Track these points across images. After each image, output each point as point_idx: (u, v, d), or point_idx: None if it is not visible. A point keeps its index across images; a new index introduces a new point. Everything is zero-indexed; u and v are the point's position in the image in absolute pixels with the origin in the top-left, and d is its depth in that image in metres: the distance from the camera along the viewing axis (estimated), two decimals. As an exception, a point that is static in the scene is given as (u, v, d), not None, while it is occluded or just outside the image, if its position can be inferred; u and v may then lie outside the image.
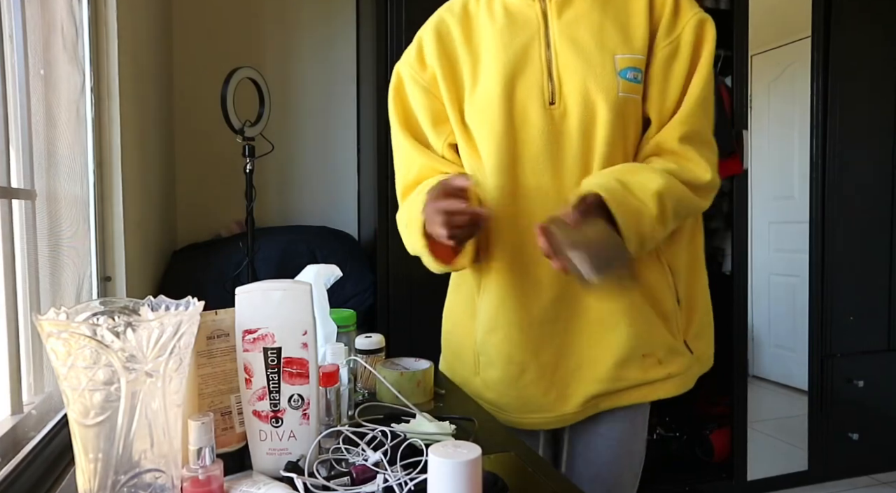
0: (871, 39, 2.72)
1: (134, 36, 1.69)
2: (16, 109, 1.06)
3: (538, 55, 1.07)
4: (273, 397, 0.80)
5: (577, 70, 1.05)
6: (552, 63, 1.06)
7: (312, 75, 2.67)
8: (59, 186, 1.26)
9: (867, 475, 2.79)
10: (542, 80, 1.06)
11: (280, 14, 2.63)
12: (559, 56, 1.06)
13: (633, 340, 1.08)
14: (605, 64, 1.04)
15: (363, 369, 1.13)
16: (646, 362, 1.10)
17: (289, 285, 0.80)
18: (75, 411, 0.64)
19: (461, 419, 0.98)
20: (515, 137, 1.07)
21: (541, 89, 1.06)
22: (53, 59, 1.26)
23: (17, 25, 1.06)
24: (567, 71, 1.05)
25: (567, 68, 1.05)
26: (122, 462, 0.64)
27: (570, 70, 1.05)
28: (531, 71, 1.07)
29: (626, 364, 1.09)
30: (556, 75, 1.06)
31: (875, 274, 2.78)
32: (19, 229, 1.06)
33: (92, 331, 0.61)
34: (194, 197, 2.54)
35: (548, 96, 1.06)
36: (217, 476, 0.70)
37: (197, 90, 2.51)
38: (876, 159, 2.76)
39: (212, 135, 2.44)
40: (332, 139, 2.72)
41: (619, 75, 1.04)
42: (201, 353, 0.80)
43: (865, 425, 2.77)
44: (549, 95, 1.06)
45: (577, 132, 1.05)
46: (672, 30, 1.07)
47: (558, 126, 1.06)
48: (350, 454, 0.84)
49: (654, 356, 1.10)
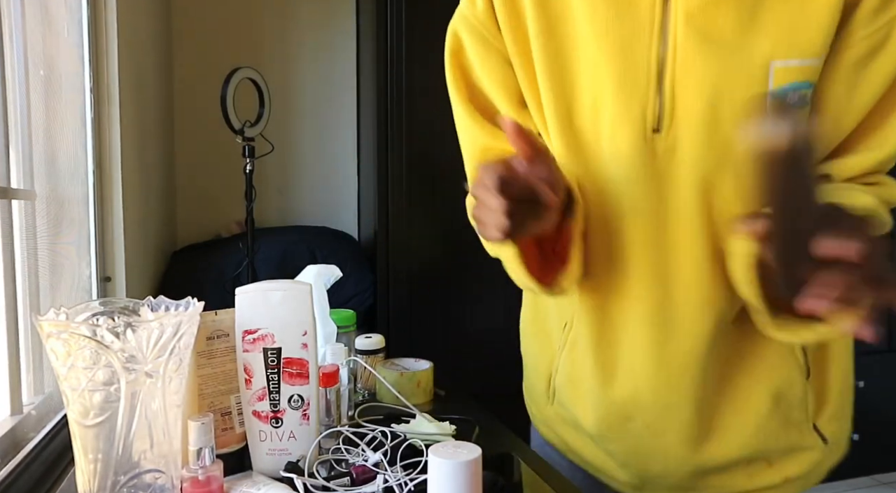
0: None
1: (134, 36, 1.69)
2: (16, 109, 1.06)
3: (645, 52, 0.71)
4: (273, 397, 0.80)
5: (706, 81, 0.68)
6: (665, 67, 0.70)
7: (312, 75, 2.67)
8: (59, 187, 1.26)
9: (867, 476, 2.79)
10: (645, 92, 0.71)
11: (280, 14, 2.63)
12: (678, 56, 0.69)
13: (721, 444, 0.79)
14: (750, 77, 0.67)
15: (363, 369, 1.13)
16: (752, 468, 0.81)
17: (289, 286, 0.80)
18: (75, 411, 0.64)
19: (461, 419, 0.98)
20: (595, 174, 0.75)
21: (642, 108, 0.71)
22: (53, 59, 1.26)
23: (17, 25, 1.06)
24: (688, 81, 0.69)
25: (688, 77, 0.69)
26: (121, 463, 0.64)
27: (694, 80, 0.69)
28: (630, 77, 0.71)
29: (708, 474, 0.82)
30: (670, 87, 0.70)
31: (875, 274, 2.77)
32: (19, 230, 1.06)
33: (92, 331, 0.61)
34: (194, 197, 2.54)
35: (651, 120, 0.71)
36: (217, 477, 0.70)
37: (197, 90, 2.50)
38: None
39: (212, 135, 2.44)
40: (332, 139, 2.71)
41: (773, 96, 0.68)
42: (201, 353, 0.80)
43: (865, 425, 2.75)
44: (655, 117, 0.71)
45: (692, 179, 0.71)
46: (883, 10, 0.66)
47: (662, 166, 0.72)
48: (350, 454, 0.84)
49: (762, 459, 0.81)
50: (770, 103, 0.63)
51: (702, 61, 0.68)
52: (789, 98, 0.67)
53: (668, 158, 0.71)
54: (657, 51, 0.70)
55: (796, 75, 0.67)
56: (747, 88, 0.67)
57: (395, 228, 2.19)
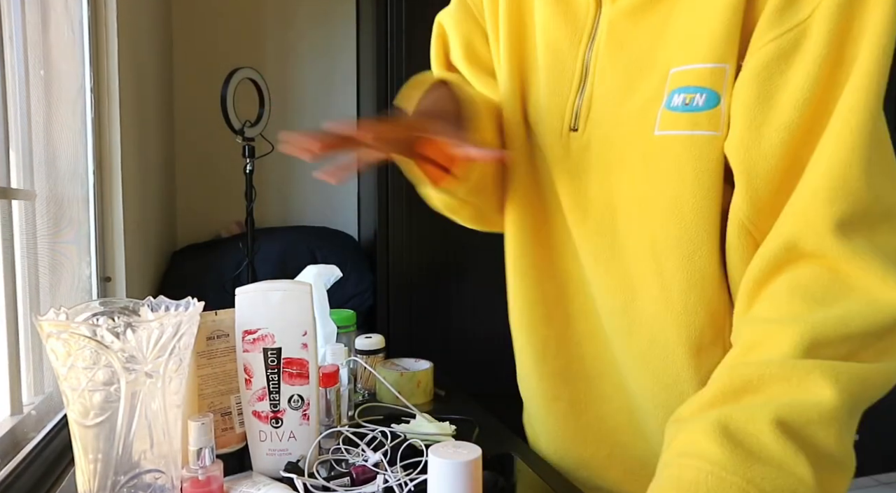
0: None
1: (134, 36, 1.69)
2: (16, 109, 1.06)
3: (573, 55, 0.74)
4: (273, 397, 0.80)
5: (615, 87, 0.71)
6: (588, 70, 0.73)
7: (312, 75, 2.67)
8: (58, 187, 1.26)
9: (868, 476, 2.79)
10: (568, 92, 0.75)
11: (280, 14, 2.63)
12: (599, 62, 0.72)
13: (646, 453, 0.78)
14: (650, 82, 0.68)
15: (363, 369, 1.13)
16: None
17: (289, 286, 0.80)
18: (75, 411, 0.64)
19: (461, 419, 0.98)
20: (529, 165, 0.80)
21: (562, 106, 0.75)
22: (53, 59, 1.26)
23: (17, 25, 1.06)
24: (603, 86, 0.72)
25: (604, 82, 0.72)
26: (121, 463, 0.64)
27: (607, 85, 0.71)
28: (558, 76, 0.76)
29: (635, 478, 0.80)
30: (590, 89, 0.73)
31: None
32: (19, 230, 1.06)
33: (92, 332, 0.61)
34: (194, 197, 2.54)
35: (569, 118, 0.75)
36: (217, 477, 0.70)
37: (197, 90, 2.50)
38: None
39: (212, 135, 2.44)
40: (332, 139, 2.71)
41: (663, 102, 0.66)
42: (201, 353, 0.80)
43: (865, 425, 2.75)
44: (573, 116, 0.74)
45: (599, 178, 0.73)
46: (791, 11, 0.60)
47: (575, 163, 0.75)
48: (350, 454, 0.84)
49: None
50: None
51: (612, 68, 0.71)
52: (673, 101, 0.65)
53: (580, 156, 0.74)
54: (583, 55, 0.73)
55: (689, 79, 0.64)
56: (647, 94, 0.67)
57: (395, 228, 2.19)
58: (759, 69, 0.61)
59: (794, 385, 0.53)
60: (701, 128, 0.64)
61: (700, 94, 0.64)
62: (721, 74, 0.63)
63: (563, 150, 0.75)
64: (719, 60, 0.63)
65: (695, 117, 0.64)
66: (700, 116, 0.64)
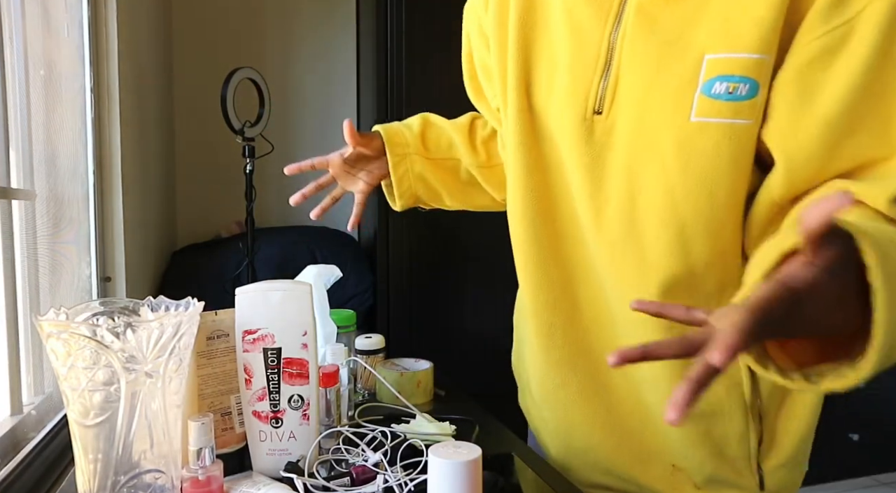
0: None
1: (134, 36, 1.69)
2: (16, 109, 1.06)
3: (598, 37, 0.72)
4: (273, 397, 0.80)
5: (644, 70, 0.69)
6: (613, 53, 0.71)
7: (312, 75, 2.67)
8: (58, 186, 1.26)
9: (867, 476, 2.79)
10: (592, 74, 0.73)
11: (280, 14, 2.63)
12: (626, 44, 0.70)
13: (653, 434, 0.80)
14: (683, 66, 0.67)
15: (363, 369, 1.13)
16: (676, 478, 0.80)
17: (289, 286, 0.80)
18: (75, 411, 0.64)
19: (461, 419, 0.98)
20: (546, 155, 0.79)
21: (587, 89, 0.73)
22: (53, 59, 1.26)
23: (16, 25, 1.06)
24: (630, 68, 0.70)
25: (632, 64, 0.70)
26: (121, 463, 0.64)
27: (636, 68, 0.70)
28: (581, 58, 0.73)
29: (646, 465, 0.81)
30: (615, 72, 0.71)
31: (875, 274, 2.77)
32: (19, 230, 1.06)
33: (92, 332, 0.61)
34: (194, 197, 2.54)
35: (594, 101, 0.73)
36: (217, 477, 0.70)
37: (197, 90, 2.50)
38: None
39: (212, 135, 2.44)
40: (332, 139, 2.71)
41: (699, 88, 0.66)
42: (201, 353, 0.80)
43: (865, 425, 2.77)
44: (597, 99, 0.73)
45: (621, 165, 0.72)
46: (840, 9, 0.60)
47: (598, 149, 0.73)
48: (350, 454, 0.84)
49: (686, 475, 0.79)
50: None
51: (643, 50, 0.69)
52: (714, 89, 0.65)
53: (604, 142, 0.73)
54: (609, 36, 0.71)
55: (727, 67, 0.65)
56: (680, 79, 0.67)
57: (395, 228, 2.19)
58: (804, 65, 0.62)
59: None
60: (742, 117, 0.65)
61: (744, 83, 0.64)
62: (763, 65, 0.64)
63: (585, 133, 0.74)
64: (764, 51, 0.63)
65: (737, 106, 0.65)
66: (743, 106, 0.65)
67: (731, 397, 0.74)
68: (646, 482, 0.82)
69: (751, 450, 0.77)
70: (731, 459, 0.78)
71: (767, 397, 0.76)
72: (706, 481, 0.78)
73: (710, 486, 0.79)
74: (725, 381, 0.74)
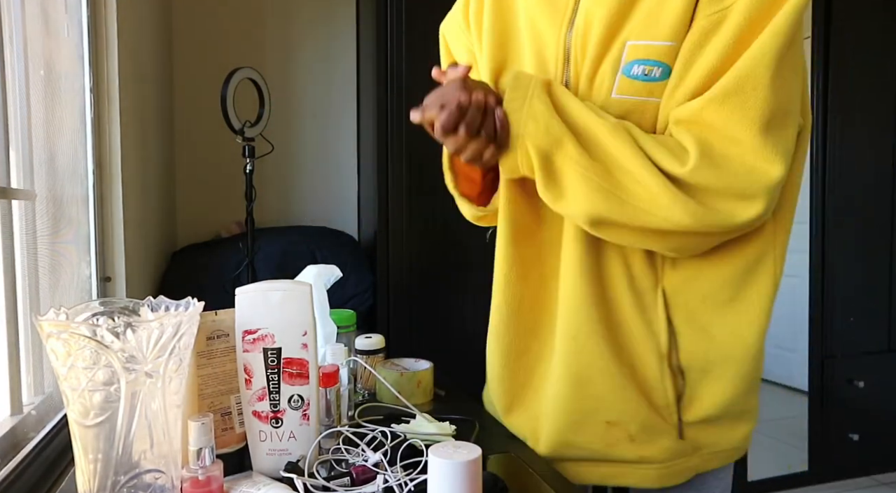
0: (870, 39, 2.72)
1: (134, 36, 1.69)
2: (16, 109, 1.06)
3: (557, 39, 0.86)
4: (273, 397, 0.80)
5: (588, 62, 0.83)
6: (571, 51, 0.85)
7: (312, 75, 2.67)
8: (58, 187, 1.26)
9: (867, 476, 2.79)
10: (555, 73, 0.86)
11: (280, 14, 2.63)
12: (577, 41, 0.84)
13: (586, 398, 0.86)
14: (611, 53, 0.80)
15: (363, 369, 1.13)
16: (611, 434, 0.87)
17: (289, 286, 0.80)
18: (75, 411, 0.64)
19: (461, 419, 0.98)
20: None
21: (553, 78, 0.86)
22: (53, 59, 1.26)
23: (16, 25, 1.06)
24: (581, 62, 0.84)
25: (581, 59, 0.83)
26: (121, 463, 0.64)
27: (583, 61, 0.83)
28: (548, 61, 0.87)
29: (580, 428, 0.87)
30: (574, 68, 0.84)
31: (875, 274, 2.77)
32: (19, 230, 1.06)
33: (92, 332, 0.61)
34: (194, 197, 2.54)
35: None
36: (217, 477, 0.70)
37: (197, 90, 2.51)
38: (876, 159, 2.76)
39: (212, 135, 2.44)
40: (332, 139, 2.72)
41: (620, 70, 0.79)
42: (201, 353, 0.80)
43: (865, 425, 2.77)
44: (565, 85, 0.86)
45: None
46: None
47: None
48: (350, 454, 0.84)
49: (622, 428, 0.86)
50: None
51: (587, 44, 0.82)
52: (633, 71, 0.79)
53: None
54: (565, 37, 0.85)
55: (645, 53, 0.78)
56: (606, 62, 0.80)
57: (395, 228, 2.19)
58: (689, 43, 0.76)
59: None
60: (655, 95, 0.79)
61: (658, 67, 0.78)
62: (674, 51, 0.77)
63: None
64: (675, 39, 0.77)
65: (651, 86, 0.79)
66: (656, 86, 0.79)
67: (648, 343, 0.85)
68: (582, 443, 0.88)
69: (668, 399, 0.86)
70: (656, 407, 0.87)
71: (687, 354, 0.86)
72: (640, 429, 0.86)
73: (644, 434, 0.86)
74: (644, 327, 0.85)
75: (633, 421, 0.86)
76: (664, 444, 0.86)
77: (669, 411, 0.86)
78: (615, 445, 0.87)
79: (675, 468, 0.87)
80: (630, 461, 0.87)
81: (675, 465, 0.87)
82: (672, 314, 0.85)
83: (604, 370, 0.85)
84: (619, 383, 0.85)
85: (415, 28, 2.17)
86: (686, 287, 0.84)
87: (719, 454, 0.89)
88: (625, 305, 0.85)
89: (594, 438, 0.87)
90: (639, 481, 0.87)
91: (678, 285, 0.84)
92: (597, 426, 0.87)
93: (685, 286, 0.84)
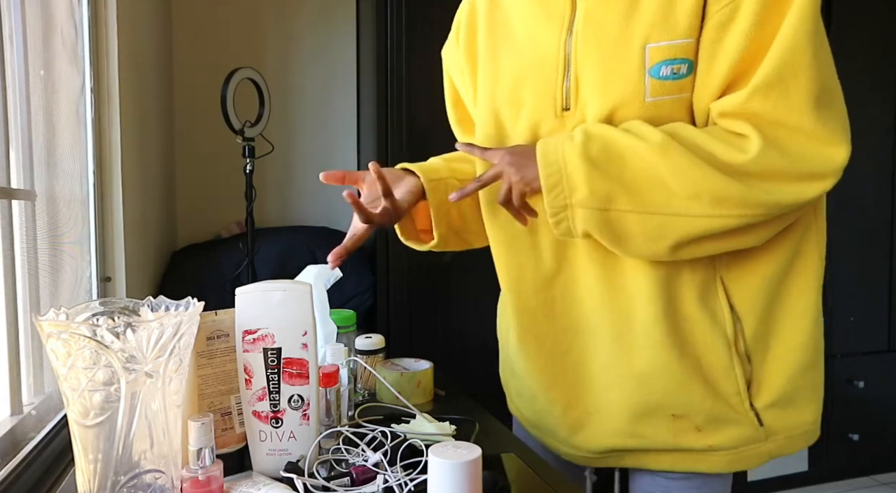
0: (870, 40, 2.72)
1: (134, 36, 1.69)
2: (16, 109, 1.06)
3: (556, 44, 0.86)
4: (273, 397, 0.80)
5: (596, 66, 0.83)
6: (571, 56, 0.85)
7: (312, 75, 2.67)
8: (58, 187, 1.26)
9: (867, 476, 2.79)
10: (555, 77, 0.86)
11: (280, 14, 2.63)
12: (579, 47, 0.84)
13: (651, 394, 0.87)
14: (629, 58, 0.81)
15: (363, 369, 1.13)
16: (678, 425, 0.88)
17: (289, 286, 0.80)
18: (75, 411, 0.64)
19: (461, 419, 0.98)
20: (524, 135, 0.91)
21: (553, 90, 0.87)
22: (53, 59, 1.26)
23: (17, 25, 1.06)
24: (586, 67, 0.84)
25: (586, 63, 0.83)
26: (121, 463, 0.64)
27: (589, 66, 0.83)
28: (544, 65, 0.88)
29: (647, 420, 0.89)
30: (575, 72, 0.85)
31: (875, 275, 2.77)
32: (19, 230, 1.06)
33: (92, 332, 0.61)
34: (194, 197, 2.54)
35: (561, 100, 0.87)
36: (217, 477, 0.70)
37: (197, 90, 2.50)
38: (876, 159, 2.76)
39: (212, 135, 2.43)
40: (332, 139, 2.71)
41: (648, 74, 0.80)
42: (201, 353, 0.80)
43: (865, 425, 2.77)
44: (563, 98, 0.86)
45: None
46: None
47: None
48: (350, 454, 0.84)
49: (688, 420, 0.87)
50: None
51: (595, 49, 0.83)
52: (661, 72, 0.80)
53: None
54: (564, 44, 0.86)
55: (669, 53, 0.80)
56: (627, 68, 0.81)
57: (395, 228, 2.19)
58: (708, 40, 0.79)
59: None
60: (686, 91, 0.81)
61: (684, 64, 0.80)
62: (692, 46, 0.80)
63: (560, 126, 0.88)
64: (692, 35, 0.79)
65: (681, 84, 0.81)
66: (685, 82, 0.81)
67: (714, 333, 0.86)
68: (650, 435, 0.89)
69: (739, 386, 0.87)
70: (724, 396, 0.87)
71: (752, 338, 0.87)
72: (707, 420, 0.87)
73: (711, 426, 0.87)
74: (709, 318, 0.86)
75: (699, 414, 0.87)
76: (732, 432, 0.87)
77: (741, 398, 0.87)
78: (682, 436, 0.88)
79: (747, 453, 0.88)
80: (699, 449, 0.88)
81: (747, 451, 0.88)
82: (733, 301, 0.86)
83: (666, 366, 0.86)
84: (681, 379, 0.86)
85: (415, 28, 2.17)
86: (743, 272, 0.86)
87: (793, 439, 0.90)
88: (688, 298, 0.86)
89: (661, 430, 0.88)
90: (709, 467, 0.89)
91: (736, 271, 0.86)
92: (663, 419, 0.88)
93: (742, 271, 0.86)
